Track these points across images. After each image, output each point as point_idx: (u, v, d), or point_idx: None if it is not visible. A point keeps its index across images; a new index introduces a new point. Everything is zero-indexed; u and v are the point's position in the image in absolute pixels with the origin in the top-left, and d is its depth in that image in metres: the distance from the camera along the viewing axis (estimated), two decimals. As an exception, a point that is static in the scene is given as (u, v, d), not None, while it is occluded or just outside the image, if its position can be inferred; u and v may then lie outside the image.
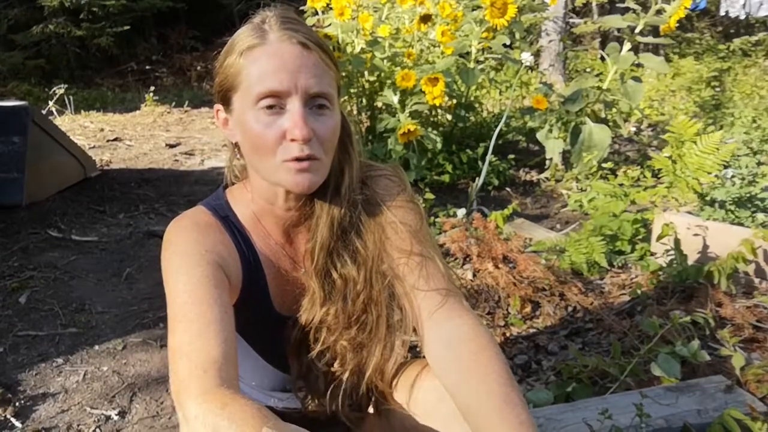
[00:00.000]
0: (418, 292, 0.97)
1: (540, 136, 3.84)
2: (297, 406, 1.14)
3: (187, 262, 0.91)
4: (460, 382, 0.90)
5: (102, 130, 5.86)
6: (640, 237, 2.57)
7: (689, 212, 2.46)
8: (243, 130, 0.93)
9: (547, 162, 3.98)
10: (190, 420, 0.76)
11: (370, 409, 1.18)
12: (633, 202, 3.06)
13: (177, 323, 0.87)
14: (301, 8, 4.38)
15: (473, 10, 3.92)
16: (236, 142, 0.99)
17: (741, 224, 2.26)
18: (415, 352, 1.84)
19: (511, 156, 4.01)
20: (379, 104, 4.02)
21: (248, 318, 1.03)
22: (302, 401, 1.13)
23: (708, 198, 2.45)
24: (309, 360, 1.07)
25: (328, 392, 1.09)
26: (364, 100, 4.05)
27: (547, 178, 3.90)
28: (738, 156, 2.55)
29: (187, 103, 7.24)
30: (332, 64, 0.95)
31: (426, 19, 3.75)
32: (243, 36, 0.93)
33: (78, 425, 1.71)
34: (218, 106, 0.98)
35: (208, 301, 0.88)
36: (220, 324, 0.86)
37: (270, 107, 0.89)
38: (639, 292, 2.15)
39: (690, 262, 2.20)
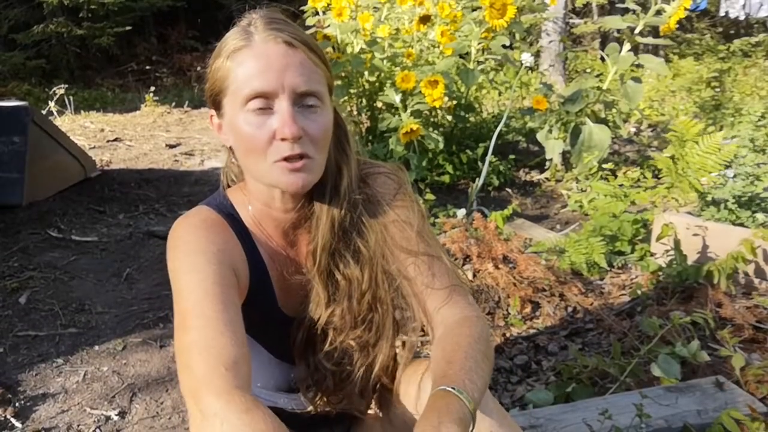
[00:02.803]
0: (426, 292, 0.98)
1: (540, 136, 3.84)
2: (304, 407, 1.14)
3: (200, 260, 0.90)
4: (431, 357, 0.93)
5: (102, 130, 5.86)
6: (640, 237, 2.58)
7: (689, 212, 2.46)
8: (234, 133, 0.93)
9: (547, 162, 3.98)
10: (209, 417, 0.76)
11: (374, 406, 1.19)
12: (633, 203, 3.06)
13: (192, 320, 0.85)
14: (302, 8, 4.38)
15: (473, 10, 3.92)
16: (231, 146, 0.98)
17: (741, 224, 2.26)
18: (416, 353, 1.84)
19: (511, 156, 4.01)
20: (379, 104, 4.02)
21: (255, 318, 1.02)
22: (311, 401, 1.13)
23: (709, 198, 2.45)
24: (317, 360, 1.07)
25: (337, 390, 1.10)
26: (364, 101, 4.05)
27: (547, 178, 3.90)
28: (743, 155, 2.55)
29: (187, 103, 7.24)
30: (321, 61, 0.94)
31: (425, 19, 3.75)
32: (229, 39, 0.92)
33: (78, 425, 1.71)
34: (211, 111, 0.98)
35: (224, 301, 0.87)
36: (236, 325, 0.85)
37: (258, 108, 0.89)
38: (639, 292, 2.15)
39: (690, 262, 2.20)
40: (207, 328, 0.83)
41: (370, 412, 1.19)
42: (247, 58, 0.89)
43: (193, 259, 0.91)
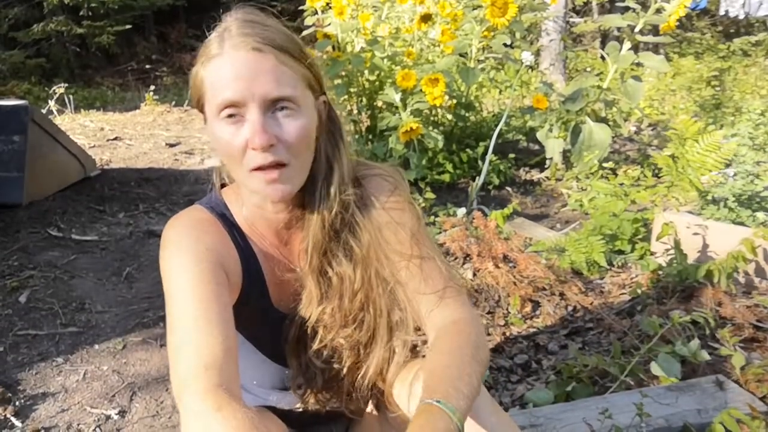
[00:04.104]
0: (419, 295, 0.98)
1: (540, 135, 3.84)
2: (297, 405, 1.15)
3: (188, 260, 0.91)
4: (427, 364, 0.92)
5: (102, 129, 5.86)
6: (640, 236, 2.57)
7: (689, 211, 2.46)
8: (214, 139, 0.93)
9: (548, 161, 3.98)
10: (189, 416, 0.78)
11: (371, 407, 1.19)
12: (633, 202, 3.06)
13: (178, 321, 0.87)
14: (301, 7, 4.38)
15: (474, 9, 3.91)
16: None
17: (741, 223, 2.26)
18: (415, 352, 1.83)
19: (512, 155, 4.01)
20: (379, 103, 4.02)
21: (248, 316, 1.03)
22: (301, 398, 1.13)
23: (709, 197, 2.44)
24: (308, 357, 1.07)
25: (327, 388, 1.10)
26: (364, 99, 4.05)
27: (547, 177, 3.90)
28: (742, 153, 2.55)
29: (187, 102, 7.23)
30: (295, 62, 0.92)
31: (426, 18, 3.74)
32: (206, 45, 0.92)
33: (78, 424, 1.71)
34: (201, 114, 0.98)
35: (209, 299, 0.88)
36: (221, 322, 0.86)
37: (231, 116, 0.89)
38: (639, 291, 2.15)
39: (690, 261, 2.20)
40: (190, 328, 0.85)
41: (370, 408, 1.20)
42: (218, 66, 0.89)
43: (181, 259, 0.92)
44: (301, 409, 1.15)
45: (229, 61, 0.88)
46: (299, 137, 0.91)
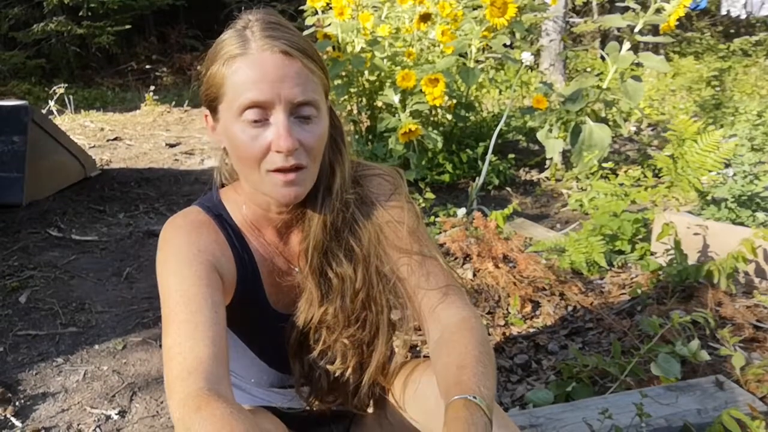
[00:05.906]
0: (420, 292, 0.98)
1: (540, 135, 3.84)
2: (300, 405, 1.15)
3: (180, 262, 0.92)
4: (435, 361, 0.93)
5: (102, 129, 5.86)
6: (640, 236, 2.57)
7: (689, 212, 2.46)
8: (229, 140, 0.93)
9: (548, 161, 3.98)
10: (174, 420, 0.79)
11: (371, 407, 1.19)
12: (633, 202, 3.06)
13: (168, 324, 0.87)
14: (301, 7, 4.38)
15: (473, 9, 3.92)
16: (224, 147, 0.98)
17: (741, 223, 2.26)
18: (415, 352, 1.84)
19: (512, 155, 4.01)
20: (380, 104, 4.02)
21: (246, 317, 1.03)
22: (306, 400, 1.13)
23: (709, 197, 2.45)
24: (311, 360, 1.07)
25: (331, 390, 1.10)
26: (364, 100, 4.05)
27: (547, 177, 3.90)
28: (741, 154, 2.55)
29: (187, 102, 7.23)
30: (317, 68, 0.92)
31: (426, 18, 3.75)
32: (226, 44, 0.90)
33: (78, 425, 1.71)
34: (206, 112, 0.97)
35: (199, 301, 0.88)
36: (210, 325, 0.86)
37: (254, 120, 0.88)
38: (639, 291, 2.15)
39: (690, 261, 2.20)
40: (178, 333, 0.85)
41: (369, 410, 1.20)
42: (243, 67, 0.88)
43: (173, 262, 0.92)
44: (308, 411, 1.15)
45: (257, 61, 0.87)
46: (319, 142, 0.92)
